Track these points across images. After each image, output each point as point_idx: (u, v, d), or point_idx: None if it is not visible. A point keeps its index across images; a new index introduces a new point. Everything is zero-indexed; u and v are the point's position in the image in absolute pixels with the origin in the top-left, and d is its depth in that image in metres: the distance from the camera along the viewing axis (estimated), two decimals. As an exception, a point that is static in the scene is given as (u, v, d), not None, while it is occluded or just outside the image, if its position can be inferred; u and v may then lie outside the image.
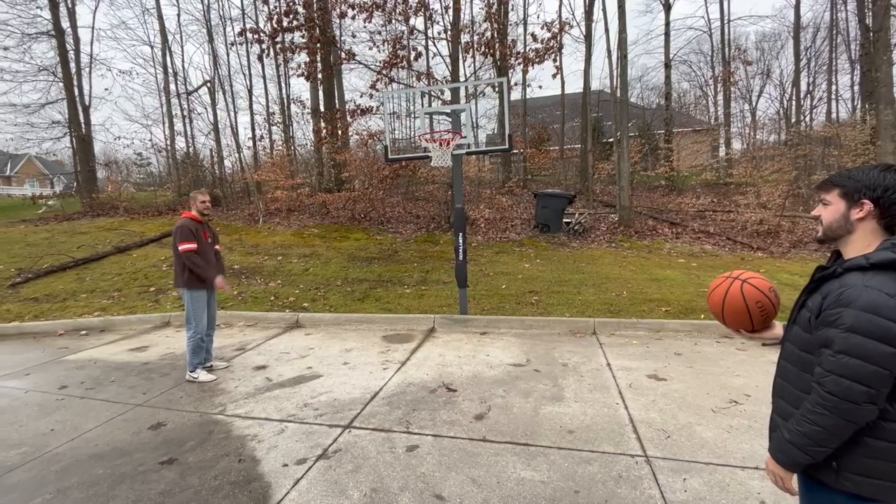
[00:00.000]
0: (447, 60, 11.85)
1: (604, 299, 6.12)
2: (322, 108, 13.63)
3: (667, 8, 16.57)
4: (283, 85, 16.00)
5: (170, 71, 16.56)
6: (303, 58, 11.22)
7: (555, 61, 10.98)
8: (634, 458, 2.62)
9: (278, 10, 11.07)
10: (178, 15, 29.38)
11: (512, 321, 5.49)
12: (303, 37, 10.70)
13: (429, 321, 5.66)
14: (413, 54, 11.18)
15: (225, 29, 17.32)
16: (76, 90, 15.24)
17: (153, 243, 9.94)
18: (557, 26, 10.65)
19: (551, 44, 10.37)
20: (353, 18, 10.22)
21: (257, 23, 14.94)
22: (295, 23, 10.38)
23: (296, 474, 2.57)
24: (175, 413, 3.43)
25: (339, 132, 12.64)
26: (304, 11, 10.29)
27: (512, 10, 16.00)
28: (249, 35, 11.46)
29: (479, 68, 15.24)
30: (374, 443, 2.88)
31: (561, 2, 16.98)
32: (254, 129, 18.65)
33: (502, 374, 3.98)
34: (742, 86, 25.19)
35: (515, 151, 15.93)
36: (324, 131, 12.68)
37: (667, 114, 17.10)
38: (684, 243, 9.72)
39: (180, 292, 4.20)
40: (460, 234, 5.66)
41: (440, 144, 5.43)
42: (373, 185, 11.54)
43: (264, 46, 11.19)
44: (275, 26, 10.63)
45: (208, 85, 15.42)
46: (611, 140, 16.79)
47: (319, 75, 11.58)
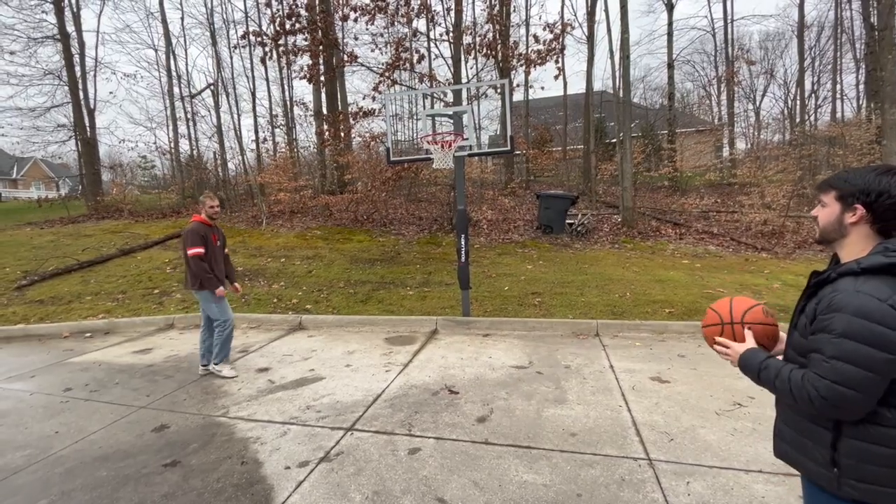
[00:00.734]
0: (449, 62, 11.87)
1: (607, 301, 6.10)
2: (325, 111, 13.67)
3: (669, 8, 16.55)
4: (285, 87, 16.07)
5: (173, 74, 16.66)
6: (305, 60, 11.27)
7: (557, 62, 10.99)
8: (637, 462, 2.61)
9: (281, 12, 11.12)
10: (181, 18, 29.67)
11: (514, 323, 5.49)
12: (305, 39, 10.75)
13: (431, 323, 5.66)
14: (415, 56, 11.20)
15: (228, 32, 17.38)
16: (81, 94, 15.37)
17: (157, 246, 9.99)
18: (560, 27, 10.63)
19: (553, 45, 10.37)
20: (355, 21, 10.28)
21: (260, 26, 15.01)
22: (297, 25, 10.44)
23: (298, 477, 2.58)
24: (178, 415, 3.44)
25: (342, 134, 12.66)
26: (306, 14, 10.35)
27: (514, 11, 16.02)
28: (252, 38, 11.51)
29: (482, 70, 15.25)
30: (376, 445, 2.88)
31: (563, 3, 16.95)
32: (257, 132, 18.70)
33: (505, 377, 3.97)
34: (746, 85, 25.11)
35: (518, 153, 15.93)
36: (326, 133, 12.72)
37: (670, 114, 17.07)
38: (688, 244, 9.68)
39: (196, 294, 4.24)
40: (463, 235, 5.66)
41: (442, 146, 5.43)
42: (375, 187, 11.55)
43: (267, 49, 11.26)
44: (277, 29, 10.69)
45: (212, 88, 15.52)
46: (613, 141, 16.76)
47: (322, 78, 11.62)
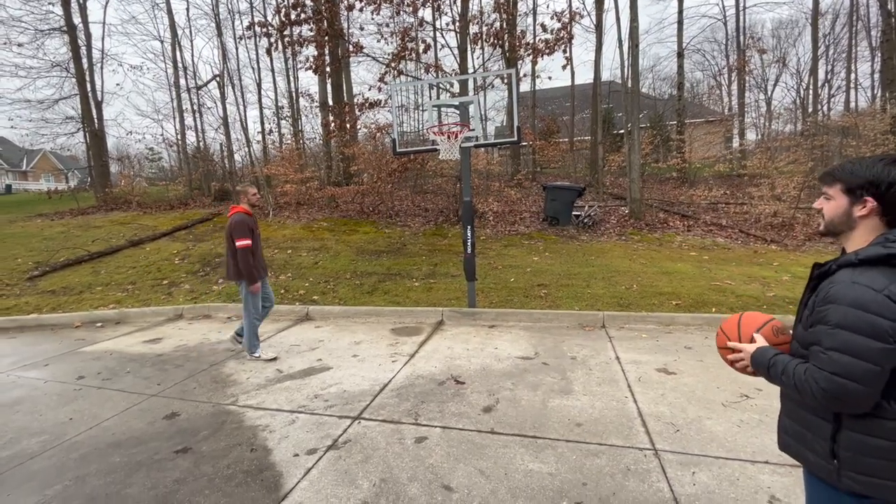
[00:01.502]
0: (455, 52, 11.77)
1: (613, 292, 6.08)
2: (330, 102, 13.63)
3: (680, -5, 16.22)
4: (291, 78, 16.01)
5: (180, 66, 16.62)
6: (311, 51, 11.23)
7: (565, 52, 10.86)
8: (643, 452, 2.62)
9: (286, 3, 11.05)
10: (187, 9, 29.36)
11: (520, 314, 5.49)
12: (311, 30, 10.69)
13: (437, 314, 5.68)
14: (422, 46, 11.13)
15: (234, 23, 17.44)
16: (88, 85, 15.43)
17: (165, 237, 10.09)
18: (567, 16, 10.49)
19: (561, 34, 10.23)
20: (360, 10, 10.20)
21: (265, 16, 14.94)
22: (303, 16, 10.37)
23: (306, 464, 2.62)
24: (189, 403, 3.50)
25: (348, 125, 12.63)
26: (311, 4, 10.27)
27: (521, -1, 15.79)
28: (258, 29, 11.47)
29: (488, 60, 15.11)
30: (383, 434, 2.92)
31: (571, -9, 16.63)
32: (263, 123, 18.86)
33: (511, 367, 3.99)
34: (757, 75, 24.66)
35: (524, 144, 15.83)
36: (332, 125, 12.69)
37: (679, 104, 16.82)
38: (696, 236, 9.60)
39: (238, 284, 4.37)
40: (469, 227, 5.65)
41: (448, 137, 5.40)
42: (381, 179, 11.54)
43: (272, 40, 11.22)
44: (283, 19, 10.64)
45: (218, 79, 15.48)
46: (621, 131, 16.57)
47: (328, 68, 11.59)
